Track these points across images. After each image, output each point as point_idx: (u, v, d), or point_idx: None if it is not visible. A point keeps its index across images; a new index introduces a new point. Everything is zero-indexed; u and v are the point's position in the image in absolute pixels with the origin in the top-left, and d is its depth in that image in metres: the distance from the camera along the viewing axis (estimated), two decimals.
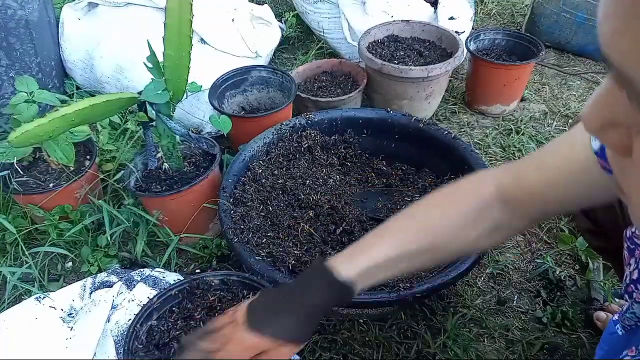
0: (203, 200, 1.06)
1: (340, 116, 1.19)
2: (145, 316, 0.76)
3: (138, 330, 0.74)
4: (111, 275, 0.94)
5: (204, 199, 1.07)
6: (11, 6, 1.29)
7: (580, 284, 1.07)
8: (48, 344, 0.83)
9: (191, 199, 1.05)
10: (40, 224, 1.11)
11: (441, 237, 0.58)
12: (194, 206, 1.06)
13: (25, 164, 1.14)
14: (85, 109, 0.85)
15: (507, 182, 0.56)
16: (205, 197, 1.07)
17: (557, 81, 1.74)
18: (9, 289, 1.02)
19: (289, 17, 1.87)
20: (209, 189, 1.07)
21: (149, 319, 0.77)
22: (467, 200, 0.58)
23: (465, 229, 0.57)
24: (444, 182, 1.10)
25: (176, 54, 0.90)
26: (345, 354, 0.94)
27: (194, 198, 1.05)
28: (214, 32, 1.43)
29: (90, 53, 1.47)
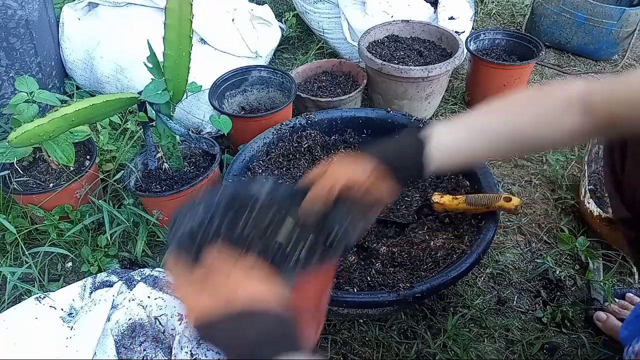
0: None
1: (340, 116, 1.19)
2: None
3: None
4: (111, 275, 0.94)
5: None
6: (11, 6, 1.29)
7: (580, 284, 1.07)
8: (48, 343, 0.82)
9: None
10: (40, 224, 1.11)
11: (529, 124, 0.62)
12: None
13: (26, 164, 1.14)
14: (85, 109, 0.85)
15: (596, 90, 0.60)
16: None
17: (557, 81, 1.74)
18: (9, 289, 1.02)
19: (289, 17, 1.87)
20: None
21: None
22: (555, 95, 0.62)
23: (551, 121, 0.61)
24: (443, 182, 1.10)
25: (176, 54, 0.90)
26: (345, 354, 0.94)
27: None
28: (214, 32, 1.43)
29: (90, 53, 1.47)
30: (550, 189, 1.30)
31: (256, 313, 0.47)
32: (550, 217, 1.22)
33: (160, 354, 0.82)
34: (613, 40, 1.76)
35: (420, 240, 0.98)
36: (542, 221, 1.21)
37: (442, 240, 0.95)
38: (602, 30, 1.73)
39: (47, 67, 1.47)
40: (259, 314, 0.47)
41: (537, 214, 1.23)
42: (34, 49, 1.40)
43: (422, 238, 0.98)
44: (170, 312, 0.84)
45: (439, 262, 0.91)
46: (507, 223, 1.21)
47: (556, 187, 1.30)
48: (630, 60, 1.86)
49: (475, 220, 0.96)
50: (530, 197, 1.28)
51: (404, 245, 0.98)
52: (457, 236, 0.97)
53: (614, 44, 1.78)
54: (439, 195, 1.00)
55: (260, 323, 0.46)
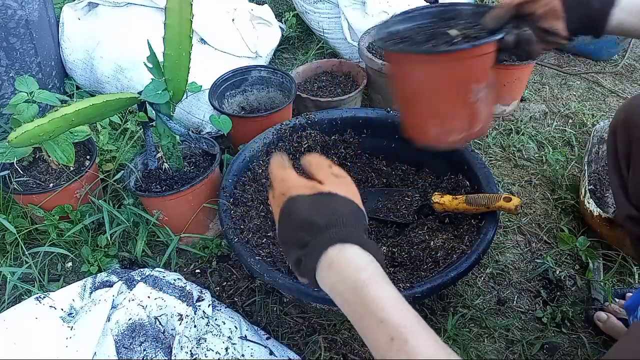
0: (203, 200, 1.06)
1: (340, 116, 1.19)
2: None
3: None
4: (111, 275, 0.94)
5: (204, 199, 1.07)
6: (11, 6, 1.29)
7: (580, 284, 1.07)
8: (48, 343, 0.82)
9: (191, 199, 1.05)
10: (40, 224, 1.11)
11: None
12: (194, 206, 1.06)
13: (26, 164, 1.14)
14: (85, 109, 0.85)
15: None
16: (205, 197, 1.07)
17: (557, 81, 1.74)
18: (9, 289, 1.02)
19: (289, 17, 1.87)
20: (209, 189, 1.07)
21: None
22: None
23: None
24: (444, 182, 1.10)
25: (176, 54, 0.90)
26: (345, 354, 0.94)
27: (193, 198, 1.05)
28: (214, 32, 1.43)
29: (90, 53, 1.47)
30: (550, 189, 1.30)
31: (340, 198, 0.53)
32: (550, 217, 1.22)
33: (160, 354, 0.82)
34: (613, 40, 1.75)
35: (420, 240, 0.98)
36: (542, 221, 1.21)
37: (442, 240, 0.95)
38: None
39: (47, 67, 1.47)
40: (343, 200, 0.53)
41: (537, 214, 1.23)
42: (34, 49, 1.40)
43: (422, 238, 0.98)
44: (170, 312, 0.84)
45: (439, 262, 0.91)
46: (507, 223, 1.21)
47: (556, 187, 1.30)
48: (630, 61, 1.85)
49: (475, 220, 0.96)
50: (530, 197, 1.28)
51: (403, 245, 0.98)
52: (457, 236, 0.97)
53: (614, 44, 1.78)
54: (438, 195, 1.00)
55: (341, 205, 0.52)
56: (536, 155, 1.41)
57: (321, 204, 0.52)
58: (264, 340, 0.89)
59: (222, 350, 0.82)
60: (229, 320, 0.88)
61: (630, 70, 1.81)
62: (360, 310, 0.45)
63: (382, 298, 0.44)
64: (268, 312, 1.01)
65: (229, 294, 1.06)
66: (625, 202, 0.81)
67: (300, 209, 0.52)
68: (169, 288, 0.88)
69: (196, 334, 0.83)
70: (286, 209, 0.53)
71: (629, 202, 0.81)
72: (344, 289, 0.46)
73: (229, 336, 0.85)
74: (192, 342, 0.82)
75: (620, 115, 0.84)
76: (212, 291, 1.05)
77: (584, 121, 1.54)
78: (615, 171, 0.84)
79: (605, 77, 1.76)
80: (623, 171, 0.82)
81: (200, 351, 0.81)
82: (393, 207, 1.10)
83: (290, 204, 0.53)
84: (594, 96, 1.68)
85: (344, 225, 0.49)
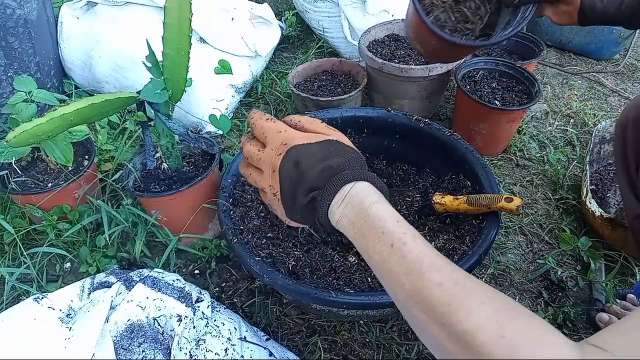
0: (202, 201, 1.06)
1: (341, 115, 1.18)
2: None
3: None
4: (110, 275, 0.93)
5: (203, 199, 1.06)
6: (10, 5, 1.29)
7: (582, 285, 1.06)
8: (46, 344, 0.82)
9: (190, 199, 1.04)
10: (38, 224, 1.10)
11: None
12: (193, 206, 1.06)
13: (24, 164, 1.14)
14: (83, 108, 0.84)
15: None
16: (205, 198, 1.06)
17: (558, 80, 1.74)
18: (7, 290, 1.02)
19: (288, 16, 1.87)
20: (208, 189, 1.06)
21: None
22: None
23: None
24: (444, 182, 1.09)
25: (175, 53, 0.89)
26: (345, 355, 0.93)
27: (193, 198, 1.04)
28: (214, 31, 1.42)
29: (89, 52, 1.47)
30: (551, 189, 1.30)
31: (345, 145, 0.57)
32: (551, 218, 1.22)
33: (159, 355, 0.81)
34: (614, 39, 1.75)
35: None
36: (544, 221, 1.21)
37: (443, 241, 0.95)
38: (603, 30, 1.73)
39: (46, 67, 1.47)
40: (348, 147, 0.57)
41: (538, 214, 1.23)
42: (33, 49, 1.39)
43: None
44: (169, 313, 0.84)
45: None
46: (508, 223, 1.20)
47: (558, 187, 1.29)
48: (631, 60, 1.85)
49: (476, 220, 0.95)
50: (531, 197, 1.28)
51: None
52: (458, 237, 0.96)
53: (615, 43, 1.77)
54: (439, 195, 0.99)
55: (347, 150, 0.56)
56: (537, 155, 1.40)
57: (331, 150, 0.55)
58: (263, 341, 0.89)
59: (222, 352, 0.81)
60: (229, 322, 0.87)
61: (631, 69, 1.81)
62: (363, 227, 0.50)
63: (383, 215, 0.50)
64: (267, 313, 1.01)
65: (228, 294, 1.05)
66: (634, 201, 0.81)
67: (312, 155, 0.55)
68: (168, 289, 0.88)
69: (195, 335, 0.83)
70: (291, 157, 0.55)
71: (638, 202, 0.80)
72: (351, 214, 0.51)
73: (228, 337, 0.85)
74: (191, 343, 0.81)
75: (630, 113, 0.83)
76: (212, 292, 1.05)
77: (585, 121, 1.53)
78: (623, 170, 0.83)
79: (607, 77, 1.76)
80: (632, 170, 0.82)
81: (199, 352, 0.80)
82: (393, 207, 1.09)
83: (296, 152, 0.55)
84: (596, 96, 1.67)
85: (355, 167, 0.54)
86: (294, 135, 0.57)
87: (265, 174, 0.59)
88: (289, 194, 0.56)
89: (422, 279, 0.43)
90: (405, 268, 0.45)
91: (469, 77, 1.40)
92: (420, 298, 0.42)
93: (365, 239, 0.49)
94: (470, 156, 1.04)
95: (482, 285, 0.42)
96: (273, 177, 0.57)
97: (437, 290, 0.42)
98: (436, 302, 0.41)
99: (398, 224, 0.49)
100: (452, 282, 0.42)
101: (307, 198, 0.54)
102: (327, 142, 0.56)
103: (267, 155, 0.58)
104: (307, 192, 0.54)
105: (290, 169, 0.55)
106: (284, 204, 0.58)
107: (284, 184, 0.56)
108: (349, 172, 0.53)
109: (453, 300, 0.40)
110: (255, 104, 1.62)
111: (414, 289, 0.43)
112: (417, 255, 0.45)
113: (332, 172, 0.53)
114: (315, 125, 0.60)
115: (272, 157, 0.57)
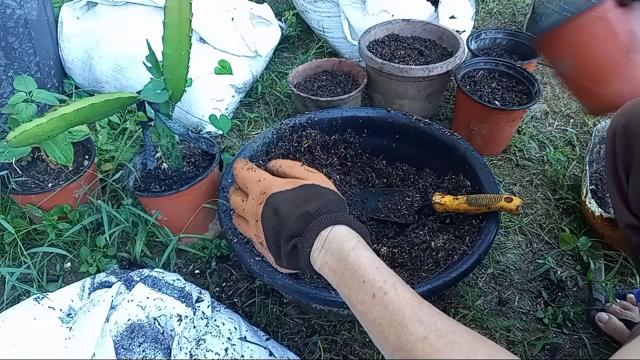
0: (202, 201, 1.06)
1: (341, 115, 1.19)
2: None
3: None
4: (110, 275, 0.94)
5: (203, 199, 1.06)
6: (10, 5, 1.29)
7: (582, 285, 1.06)
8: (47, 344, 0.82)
9: (190, 199, 1.04)
10: (38, 224, 1.10)
11: None
12: (193, 206, 1.06)
13: (24, 164, 1.14)
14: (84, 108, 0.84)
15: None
16: (205, 197, 1.06)
17: (558, 80, 1.74)
18: (8, 289, 1.02)
19: (288, 16, 1.87)
20: (209, 189, 1.06)
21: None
22: None
23: None
24: (444, 182, 1.09)
25: (175, 53, 0.90)
26: (345, 355, 0.93)
27: (193, 198, 1.04)
28: (214, 31, 1.42)
29: (89, 52, 1.47)
30: (551, 189, 1.30)
31: (323, 188, 0.57)
32: (551, 218, 1.22)
33: (160, 354, 0.81)
34: None
35: (421, 241, 0.97)
36: (544, 221, 1.21)
37: (443, 241, 0.95)
38: None
39: (46, 67, 1.47)
40: (326, 189, 0.57)
41: (538, 214, 1.23)
42: (33, 49, 1.39)
43: (422, 239, 0.98)
44: (169, 312, 0.84)
45: (440, 262, 0.91)
46: (508, 223, 1.20)
47: (557, 187, 1.29)
48: None
49: (476, 220, 0.95)
50: (531, 197, 1.28)
51: (404, 246, 0.97)
52: (458, 237, 0.97)
53: None
54: (439, 195, 0.99)
55: (325, 193, 0.56)
56: (537, 155, 1.41)
57: (308, 195, 0.55)
58: (263, 341, 0.89)
59: (222, 351, 0.82)
60: (229, 321, 0.87)
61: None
62: (345, 275, 0.49)
63: (362, 261, 0.49)
64: (268, 313, 1.01)
65: (228, 294, 1.05)
66: (624, 210, 0.80)
67: (289, 202, 0.55)
68: (168, 289, 0.88)
69: (195, 334, 0.83)
70: (270, 205, 0.56)
71: (629, 211, 0.79)
72: (331, 261, 0.51)
73: (228, 337, 0.85)
74: (192, 343, 0.81)
75: (619, 121, 0.81)
76: (212, 292, 1.05)
77: (585, 121, 1.53)
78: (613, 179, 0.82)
79: None
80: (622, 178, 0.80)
81: (199, 352, 0.80)
82: (393, 208, 1.09)
83: (275, 200, 0.56)
84: None
85: (332, 211, 0.54)
86: (272, 183, 0.58)
87: (250, 223, 0.60)
88: (273, 242, 0.57)
89: (405, 332, 0.43)
90: (388, 320, 0.44)
91: (469, 77, 1.40)
92: (405, 352, 0.42)
93: (348, 287, 0.49)
94: (470, 156, 1.04)
95: (467, 336, 0.42)
96: (257, 226, 0.58)
97: (420, 345, 0.41)
98: (420, 357, 0.41)
99: (378, 270, 0.48)
100: (436, 335, 0.42)
101: (289, 246, 0.54)
102: (304, 187, 0.56)
103: (249, 205, 0.59)
104: (289, 239, 0.54)
105: (270, 217, 0.56)
106: (271, 251, 0.58)
107: (267, 232, 0.57)
108: (324, 217, 0.53)
109: (436, 355, 0.40)
110: (255, 104, 1.62)
111: (399, 342, 0.43)
112: (399, 305, 0.45)
113: (310, 217, 0.53)
114: (294, 170, 0.61)
115: (254, 206, 0.58)
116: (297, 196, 0.55)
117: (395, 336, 0.43)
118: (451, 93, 1.62)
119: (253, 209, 0.58)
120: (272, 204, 0.56)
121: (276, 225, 0.55)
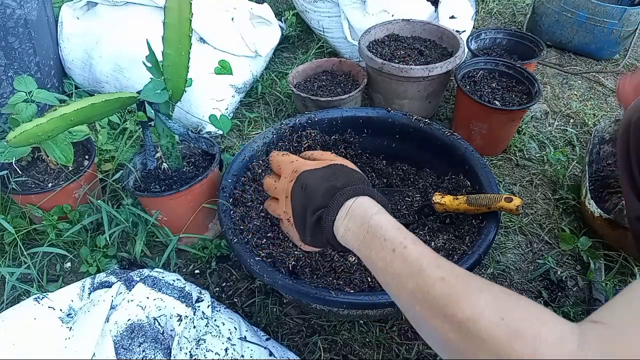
0: (202, 201, 1.06)
1: (341, 115, 1.18)
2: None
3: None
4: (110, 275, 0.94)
5: (203, 199, 1.06)
6: (10, 5, 1.29)
7: (582, 285, 1.06)
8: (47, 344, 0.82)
9: (190, 199, 1.04)
10: (38, 224, 1.10)
11: None
12: (193, 206, 1.06)
13: (24, 164, 1.14)
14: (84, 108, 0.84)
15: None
16: (205, 197, 1.06)
17: (558, 80, 1.74)
18: (8, 289, 1.02)
19: (288, 16, 1.87)
20: (209, 189, 1.06)
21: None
22: None
23: None
24: (444, 182, 1.09)
25: (175, 53, 0.90)
26: (345, 355, 0.93)
27: (193, 198, 1.04)
28: (214, 31, 1.42)
29: (89, 52, 1.47)
30: (551, 189, 1.30)
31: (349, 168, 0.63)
32: (551, 218, 1.22)
33: (160, 355, 0.81)
34: (614, 39, 1.75)
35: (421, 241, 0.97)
36: (544, 221, 1.21)
37: (443, 241, 0.95)
38: (603, 30, 1.73)
39: (46, 67, 1.47)
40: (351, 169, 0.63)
41: (538, 214, 1.23)
42: (33, 49, 1.39)
43: (422, 238, 0.98)
44: (169, 312, 0.84)
45: None
46: (508, 223, 1.20)
47: (557, 187, 1.29)
48: (631, 60, 1.85)
49: (476, 220, 0.95)
50: (531, 197, 1.28)
51: None
52: (458, 237, 0.97)
53: (615, 44, 1.77)
54: (439, 195, 0.99)
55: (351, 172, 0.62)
56: (537, 155, 1.41)
57: (335, 172, 0.61)
58: (263, 341, 0.89)
59: (222, 351, 0.82)
60: (229, 321, 0.87)
61: (631, 69, 1.81)
62: (367, 238, 0.52)
63: (384, 224, 0.52)
64: (268, 313, 1.01)
65: (228, 294, 1.05)
66: (636, 202, 0.81)
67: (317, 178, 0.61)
68: (168, 289, 0.88)
69: (195, 334, 0.83)
70: (300, 181, 0.62)
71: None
72: (354, 227, 0.54)
73: (228, 337, 0.85)
74: (192, 343, 0.81)
75: (633, 115, 0.82)
76: (212, 292, 1.05)
77: (585, 121, 1.53)
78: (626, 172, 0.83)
79: (607, 77, 1.76)
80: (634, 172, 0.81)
81: (199, 352, 0.80)
82: (393, 208, 1.09)
83: (304, 177, 0.62)
84: (595, 96, 1.67)
85: (356, 185, 0.59)
86: (304, 163, 0.65)
87: (280, 201, 0.66)
88: (300, 217, 0.62)
89: (423, 276, 0.45)
90: (408, 270, 0.47)
91: (469, 77, 1.40)
92: (423, 294, 0.44)
93: (369, 248, 0.52)
94: (470, 156, 1.04)
95: (481, 278, 0.44)
96: (287, 203, 0.64)
97: (438, 285, 0.43)
98: (438, 296, 0.43)
99: (399, 230, 0.51)
100: (453, 275, 0.44)
101: (315, 217, 0.59)
102: (331, 165, 0.63)
103: (281, 183, 0.66)
104: (314, 212, 0.59)
105: (299, 192, 0.61)
106: (297, 227, 0.63)
107: (295, 207, 0.62)
108: (350, 189, 0.57)
109: (454, 292, 0.42)
110: (255, 104, 1.62)
111: (417, 287, 0.45)
112: (418, 256, 0.47)
113: (336, 190, 0.58)
114: (324, 155, 0.69)
115: (285, 184, 0.65)
116: (325, 173, 0.61)
117: (413, 283, 0.45)
118: (451, 93, 1.62)
119: (284, 186, 0.65)
120: (302, 180, 0.62)
121: (304, 200, 0.60)
